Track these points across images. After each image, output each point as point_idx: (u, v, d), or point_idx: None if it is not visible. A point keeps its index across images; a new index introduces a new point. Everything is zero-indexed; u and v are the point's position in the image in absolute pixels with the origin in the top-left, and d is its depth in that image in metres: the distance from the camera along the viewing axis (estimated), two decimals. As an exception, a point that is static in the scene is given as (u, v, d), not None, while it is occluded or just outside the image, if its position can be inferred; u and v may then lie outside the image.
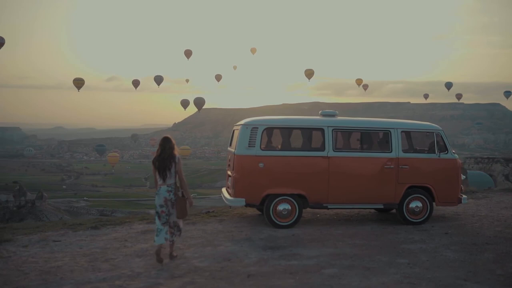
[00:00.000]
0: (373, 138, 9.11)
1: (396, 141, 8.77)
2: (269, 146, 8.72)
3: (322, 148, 8.60)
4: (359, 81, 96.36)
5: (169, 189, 6.38)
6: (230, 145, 9.29)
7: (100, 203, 78.11)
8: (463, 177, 9.33)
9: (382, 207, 8.89)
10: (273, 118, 9.08)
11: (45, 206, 78.82)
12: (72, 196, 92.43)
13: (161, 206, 6.36)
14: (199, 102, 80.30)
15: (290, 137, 8.83)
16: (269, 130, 8.70)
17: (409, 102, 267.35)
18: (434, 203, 8.95)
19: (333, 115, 9.10)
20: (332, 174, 8.55)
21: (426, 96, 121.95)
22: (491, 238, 7.90)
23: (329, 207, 8.72)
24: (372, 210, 10.07)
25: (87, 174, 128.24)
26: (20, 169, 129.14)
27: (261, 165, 8.37)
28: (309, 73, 75.60)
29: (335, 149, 8.62)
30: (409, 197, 8.81)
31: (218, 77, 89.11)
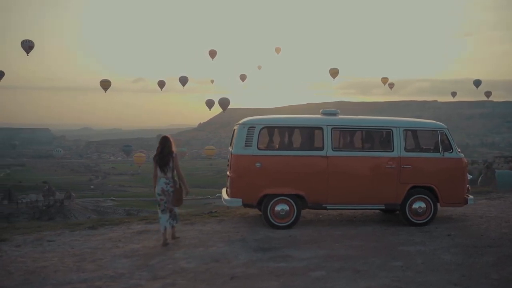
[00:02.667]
0: (374, 137, 8.88)
1: (398, 140, 8.52)
2: (266, 146, 8.58)
3: (321, 147, 8.41)
4: (384, 80, 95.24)
5: (167, 181, 7.26)
6: (230, 144, 9.19)
7: (127, 203, 79.11)
8: (469, 176, 9.00)
9: (384, 207, 8.67)
10: (270, 117, 8.95)
11: (73, 206, 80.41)
12: (99, 196, 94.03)
13: (159, 195, 7.25)
14: (223, 103, 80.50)
15: (288, 137, 8.67)
16: (267, 130, 8.56)
17: (436, 101, 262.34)
18: (438, 204, 8.67)
19: (334, 114, 8.91)
20: (331, 174, 8.36)
21: (453, 94, 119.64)
22: (495, 240, 7.58)
23: (328, 207, 8.55)
24: (377, 211, 9.82)
25: (114, 174, 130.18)
26: (50, 169, 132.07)
27: (258, 165, 8.25)
28: (334, 72, 75.10)
29: (334, 148, 8.43)
30: (412, 198, 8.55)
31: (243, 77, 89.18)
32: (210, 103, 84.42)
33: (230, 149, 8.84)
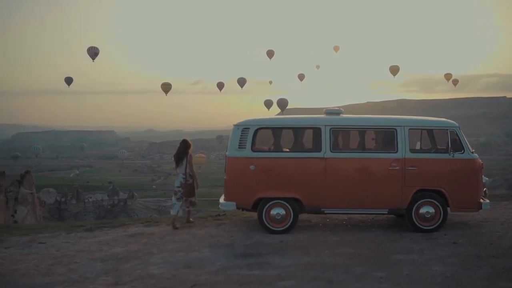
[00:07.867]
0: (377, 137, 8.37)
1: (403, 140, 7.96)
2: (261, 148, 8.30)
3: (318, 148, 8.02)
4: (448, 76, 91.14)
5: (183, 176, 8.73)
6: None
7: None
8: (485, 179, 8.27)
9: (387, 212, 8.14)
10: (265, 118, 8.72)
11: (135, 205, 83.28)
12: (161, 196, 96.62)
13: (178, 186, 8.75)
14: (282, 103, 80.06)
15: (284, 138, 8.35)
16: (262, 131, 8.27)
17: (505, 97, 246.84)
18: (448, 209, 8.02)
19: (337, 114, 8.49)
20: (329, 176, 7.95)
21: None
22: (504, 249, 6.87)
23: (326, 212, 8.14)
24: (390, 215, 9.24)
25: (175, 174, 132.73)
26: (115, 170, 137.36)
27: (252, 167, 7.99)
28: (394, 70, 72.76)
29: (333, 149, 8.01)
30: (419, 202, 7.96)
31: (301, 77, 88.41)
32: (268, 104, 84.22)
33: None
